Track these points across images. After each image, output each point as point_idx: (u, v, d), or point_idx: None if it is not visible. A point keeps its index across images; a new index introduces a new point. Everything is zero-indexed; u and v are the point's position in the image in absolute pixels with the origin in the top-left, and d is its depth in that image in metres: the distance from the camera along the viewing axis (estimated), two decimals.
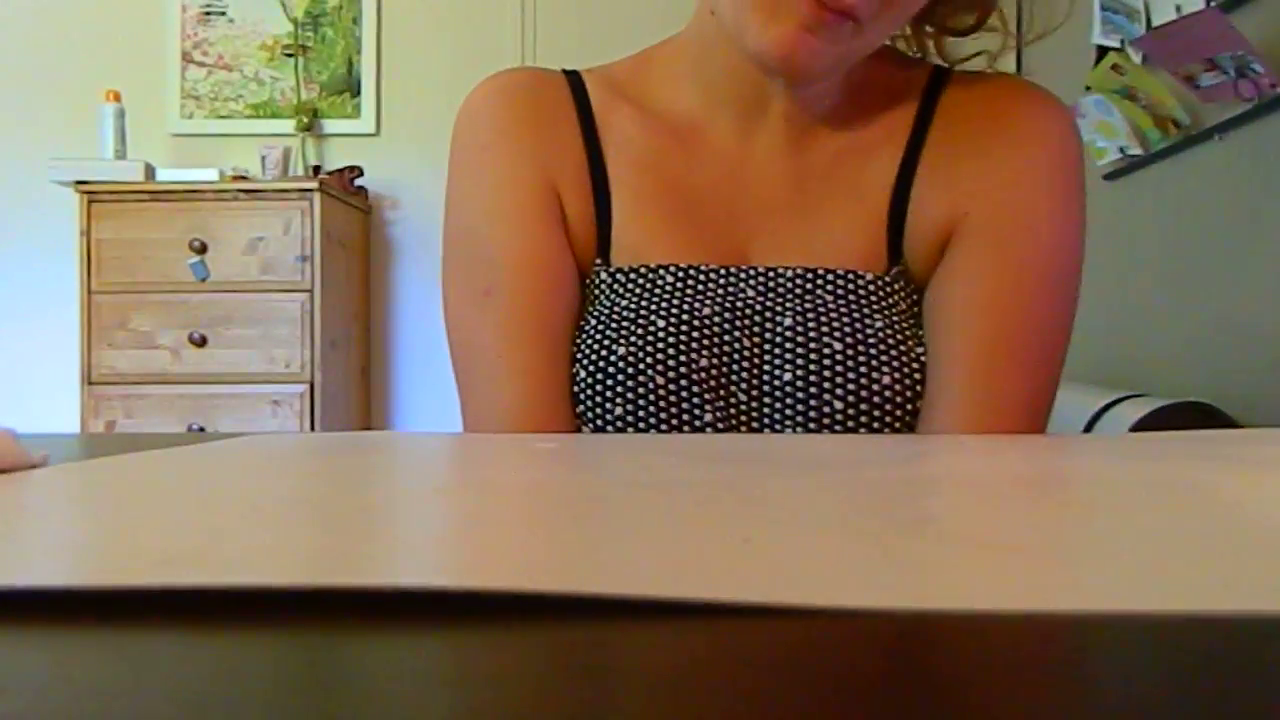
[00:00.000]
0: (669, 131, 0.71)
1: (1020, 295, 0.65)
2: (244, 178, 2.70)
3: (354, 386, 2.88)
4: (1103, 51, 2.08)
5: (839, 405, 0.62)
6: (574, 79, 0.73)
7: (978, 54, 0.73)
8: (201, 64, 3.05)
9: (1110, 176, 2.10)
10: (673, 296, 0.66)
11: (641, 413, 0.63)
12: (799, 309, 0.65)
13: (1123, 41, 2.02)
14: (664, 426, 0.64)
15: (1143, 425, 1.55)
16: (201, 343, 2.52)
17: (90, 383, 2.52)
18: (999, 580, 0.19)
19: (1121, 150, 2.03)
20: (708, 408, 0.64)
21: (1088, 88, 2.08)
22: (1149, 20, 1.93)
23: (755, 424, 0.65)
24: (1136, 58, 1.97)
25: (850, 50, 0.62)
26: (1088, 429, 1.67)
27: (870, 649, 0.16)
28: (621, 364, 0.64)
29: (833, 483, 0.33)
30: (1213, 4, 1.71)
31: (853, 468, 0.38)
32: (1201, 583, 0.19)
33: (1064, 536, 0.24)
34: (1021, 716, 0.13)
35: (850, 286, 0.66)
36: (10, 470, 0.36)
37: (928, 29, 0.73)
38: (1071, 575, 0.20)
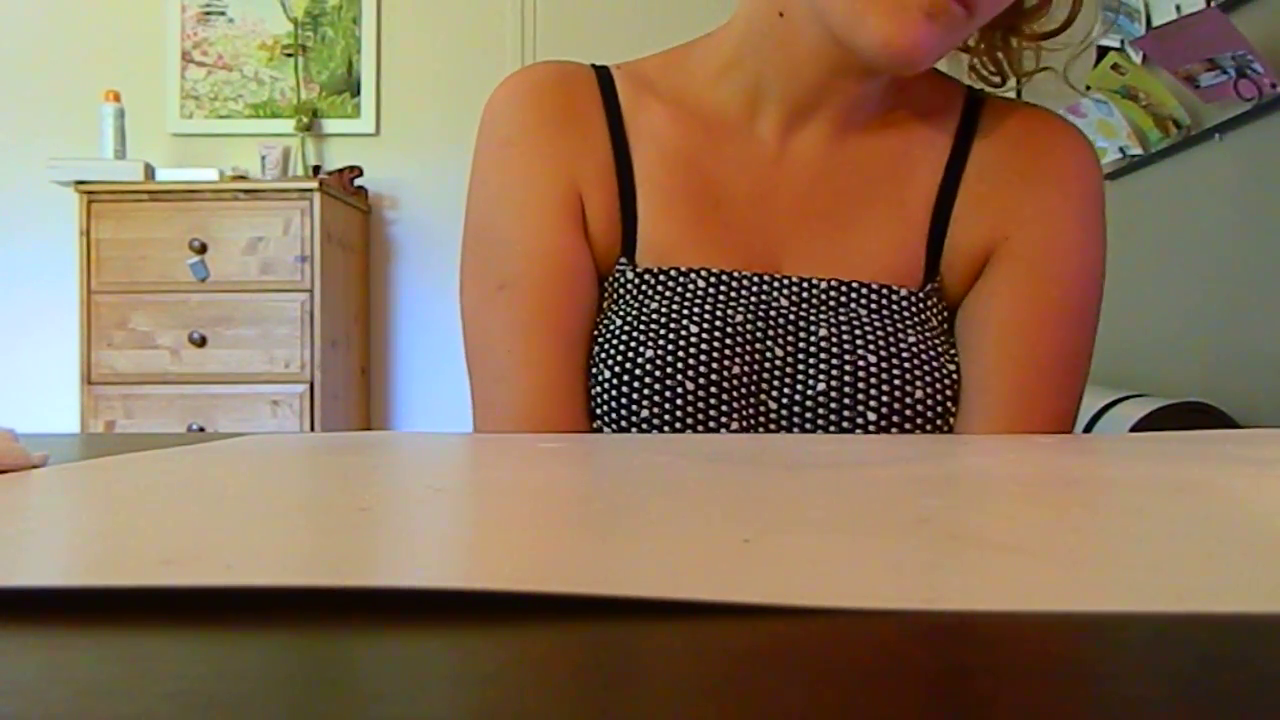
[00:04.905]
0: (703, 129, 0.69)
1: (1056, 322, 0.66)
2: (244, 178, 2.70)
3: (354, 386, 2.88)
4: (1103, 51, 2.07)
5: (871, 417, 0.62)
6: (603, 74, 0.72)
7: (1045, 69, 0.72)
8: (201, 64, 3.05)
9: (1110, 176, 2.10)
10: (705, 301, 0.65)
11: (668, 416, 0.63)
12: (833, 320, 0.65)
13: (1123, 41, 2.02)
14: (690, 432, 0.63)
15: (1143, 425, 1.55)
16: (201, 343, 2.52)
17: (90, 383, 2.52)
18: (998, 580, 0.19)
19: (1121, 150, 2.03)
20: (735, 415, 0.63)
21: (1088, 87, 2.08)
22: (1149, 20, 1.92)
23: (785, 433, 0.64)
24: (1136, 58, 1.97)
25: (957, 40, 0.62)
26: (1088, 429, 1.67)
27: (870, 649, 0.16)
28: (649, 366, 0.63)
29: (833, 483, 0.33)
30: (1213, 4, 1.71)
31: (853, 467, 0.38)
32: (1202, 583, 0.19)
33: (1064, 537, 0.24)
34: (1023, 716, 0.13)
35: (884, 301, 0.67)
36: (10, 470, 0.36)
37: (1010, 38, 0.71)
38: (1071, 575, 0.20)
